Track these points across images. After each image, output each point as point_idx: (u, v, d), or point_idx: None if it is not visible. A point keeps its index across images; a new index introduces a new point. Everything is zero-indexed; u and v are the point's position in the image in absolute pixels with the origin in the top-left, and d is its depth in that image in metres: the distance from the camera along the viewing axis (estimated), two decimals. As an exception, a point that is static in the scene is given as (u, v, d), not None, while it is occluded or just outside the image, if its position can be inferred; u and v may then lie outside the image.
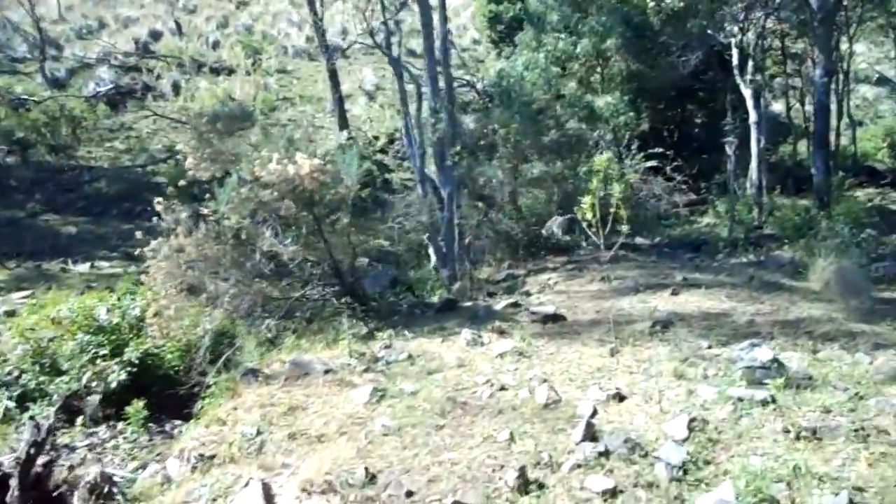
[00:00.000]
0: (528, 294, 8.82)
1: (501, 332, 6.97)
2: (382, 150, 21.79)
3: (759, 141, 14.11)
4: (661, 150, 16.44)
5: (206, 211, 7.34)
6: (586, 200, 5.65)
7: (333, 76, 21.71)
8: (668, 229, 13.49)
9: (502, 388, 5.45)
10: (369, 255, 14.24)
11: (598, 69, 18.39)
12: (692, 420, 4.38)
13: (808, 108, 16.72)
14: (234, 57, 29.03)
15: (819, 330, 6.23)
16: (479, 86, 20.22)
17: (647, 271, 9.01)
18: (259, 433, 4.98)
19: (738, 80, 14.36)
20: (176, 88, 25.34)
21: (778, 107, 21.53)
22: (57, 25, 31.75)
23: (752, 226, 12.27)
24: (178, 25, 32.42)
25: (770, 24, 15.49)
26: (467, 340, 6.73)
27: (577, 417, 4.73)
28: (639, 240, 12.69)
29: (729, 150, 11.68)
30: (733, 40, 14.54)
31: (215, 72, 27.40)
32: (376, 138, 22.60)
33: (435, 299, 9.63)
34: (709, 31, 14.88)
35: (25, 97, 19.76)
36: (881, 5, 16.65)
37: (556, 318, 7.29)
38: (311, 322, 8.18)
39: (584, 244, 10.87)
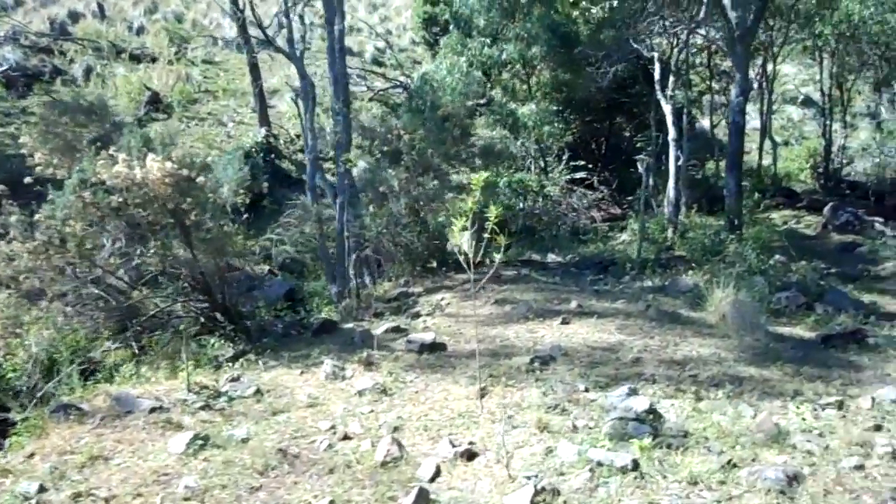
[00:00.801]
0: (416, 315, 8.19)
1: (369, 364, 6.31)
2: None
3: (677, 158, 13.84)
4: (583, 162, 16.20)
5: (39, 216, 6.45)
6: (457, 224, 5.02)
7: (254, 70, 20.72)
8: (582, 246, 13.08)
9: (345, 438, 4.79)
10: (279, 264, 13.45)
11: (524, 77, 17.96)
12: (538, 492, 3.79)
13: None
14: (158, 45, 27.66)
15: (706, 372, 5.76)
16: (411, 88, 19.56)
17: (545, 294, 8.48)
18: (42, 491, 4.17)
19: (659, 95, 14.06)
20: (88, 74, 23.88)
21: (707, 123, 21.53)
22: (-33, 1, 29.79)
23: (664, 246, 11.93)
24: (101, 8, 30.79)
25: (697, 40, 15.28)
26: (327, 373, 6.05)
27: (414, 481, 4.10)
28: (551, 256, 12.23)
29: (640, 168, 11.29)
30: (655, 54, 14.24)
31: (135, 59, 25.95)
32: (298, 136, 21.67)
33: (323, 316, 8.94)
34: (632, 44, 14.53)
35: None
36: (806, 26, 16.66)
37: (434, 347, 6.67)
38: (169, 343, 7.36)
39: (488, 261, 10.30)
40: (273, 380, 6.07)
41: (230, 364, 6.99)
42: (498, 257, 5.38)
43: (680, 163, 14.39)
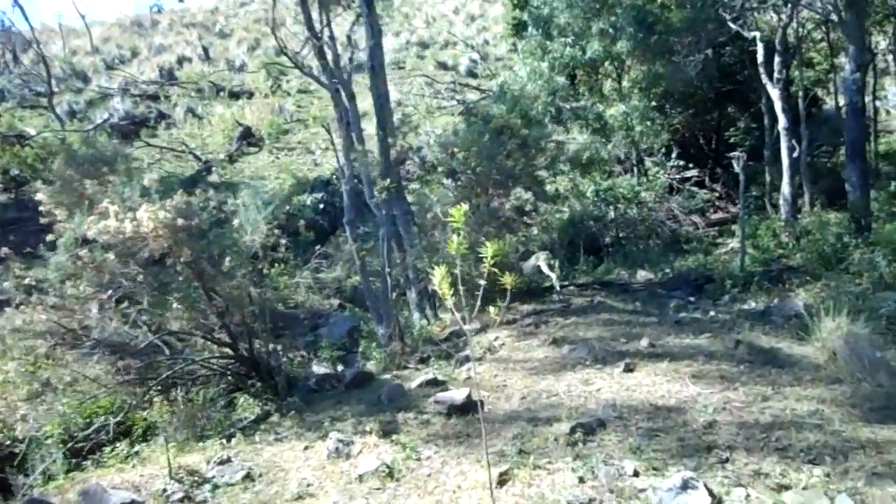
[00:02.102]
0: (464, 360, 7.15)
1: (385, 434, 5.36)
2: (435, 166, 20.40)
3: (791, 149, 11.95)
4: (682, 162, 14.56)
5: (28, 280, 6.01)
6: (438, 272, 3.99)
7: (338, 95, 20.37)
8: (680, 258, 11.50)
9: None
10: (347, 297, 12.84)
11: (615, 75, 16.47)
12: None
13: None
14: (255, 80, 28.31)
15: (801, 441, 4.37)
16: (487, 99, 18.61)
17: (614, 329, 7.18)
18: None
19: (765, 78, 12.24)
20: (190, 115, 24.66)
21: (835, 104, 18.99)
22: (90, 57, 31.88)
23: (776, 255, 10.19)
24: (206, 50, 32.01)
25: (804, 13, 13.30)
26: (330, 451, 5.15)
27: None
28: (641, 273, 10.80)
29: (736, 166, 9.66)
30: (756, 34, 12.44)
31: (234, 96, 26.64)
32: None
33: (371, 365, 8.11)
34: (729, 24, 12.82)
35: (27, 133, 19.24)
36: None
37: (465, 408, 5.62)
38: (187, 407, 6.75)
39: (557, 287, 9.12)
40: (270, 459, 5.25)
41: (250, 430, 6.29)
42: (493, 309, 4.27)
43: (796, 154, 12.49)
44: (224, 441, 5.98)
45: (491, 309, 4.84)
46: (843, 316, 5.84)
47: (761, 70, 12.34)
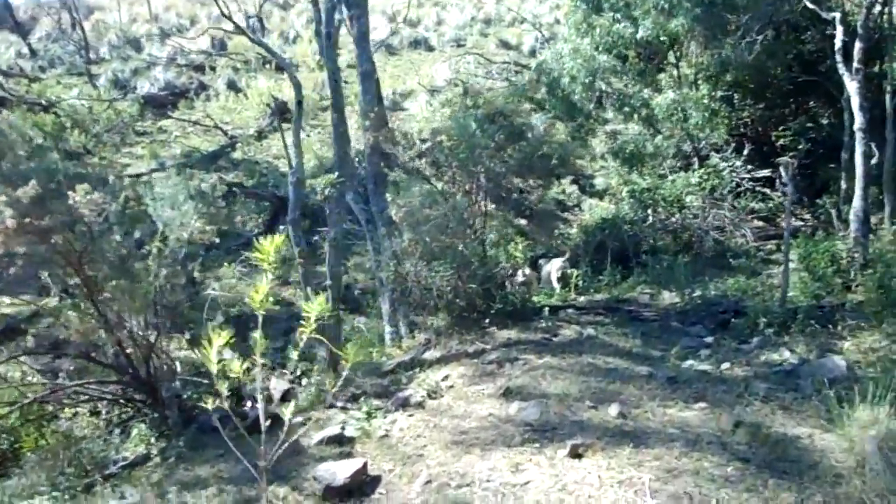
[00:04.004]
0: (401, 405, 5.76)
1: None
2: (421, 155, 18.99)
3: (867, 155, 9.88)
4: (737, 163, 12.63)
5: None
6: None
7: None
8: (719, 277, 9.65)
9: None
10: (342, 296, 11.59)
11: (674, 59, 14.49)
12: None
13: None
14: (303, 53, 27.36)
15: None
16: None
17: (589, 380, 5.58)
18: None
19: (841, 68, 10.19)
20: (231, 87, 23.87)
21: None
22: (147, 25, 31.63)
23: (835, 285, 8.27)
24: (261, 21, 31.26)
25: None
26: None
27: None
28: (666, 295, 9.09)
29: (784, 175, 7.80)
30: (836, 15, 10.36)
31: (281, 70, 25.73)
32: (424, 141, 19.79)
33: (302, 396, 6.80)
34: (805, 2, 10.79)
35: (51, 100, 18.79)
36: None
37: (348, 492, 4.24)
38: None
39: (545, 311, 7.55)
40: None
41: (117, 479, 5.12)
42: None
43: (875, 160, 10.43)
44: (71, 493, 4.82)
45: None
46: (886, 403, 4.12)
47: (837, 58, 10.28)
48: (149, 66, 25.09)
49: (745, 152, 13.28)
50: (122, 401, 6.02)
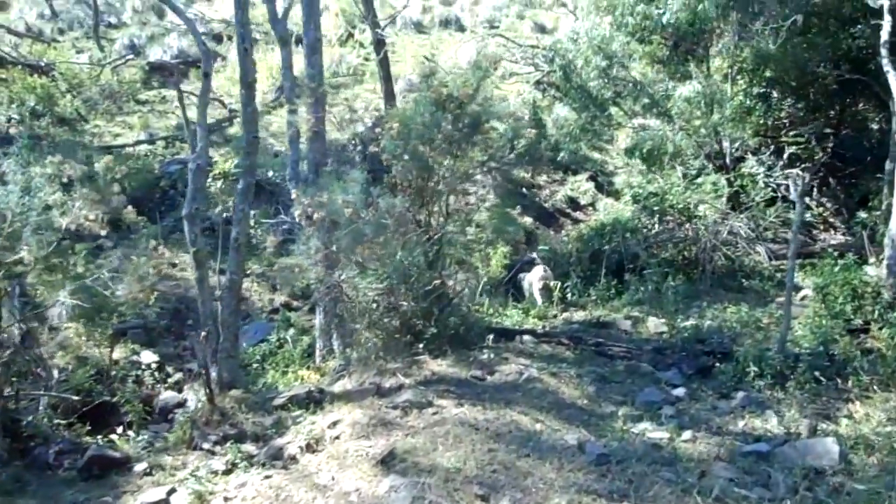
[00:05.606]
0: (272, 458, 4.60)
1: None
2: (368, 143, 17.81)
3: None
4: (756, 168, 11.10)
5: None
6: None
7: (380, 46, 17.89)
8: (717, 305, 8.18)
9: None
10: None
11: (703, 48, 12.91)
12: None
13: None
14: (333, 27, 26.19)
15: None
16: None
17: (496, 454, 4.28)
18: None
19: (885, 62, 8.60)
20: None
21: None
22: (175, -10, 30.84)
23: (853, 326, 6.77)
24: (289, -9, 30.19)
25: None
26: None
27: None
28: (652, 323, 7.70)
29: (793, 190, 6.37)
30: (885, 3, 8.73)
31: (300, 42, 24.64)
32: (374, 127, 18.54)
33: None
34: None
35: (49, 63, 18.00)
36: None
37: None
38: None
39: (490, 338, 6.27)
40: None
41: None
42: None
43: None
44: None
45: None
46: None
47: (883, 52, 8.69)
48: (164, 33, 24.28)
49: (786, 156, 11.69)
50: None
